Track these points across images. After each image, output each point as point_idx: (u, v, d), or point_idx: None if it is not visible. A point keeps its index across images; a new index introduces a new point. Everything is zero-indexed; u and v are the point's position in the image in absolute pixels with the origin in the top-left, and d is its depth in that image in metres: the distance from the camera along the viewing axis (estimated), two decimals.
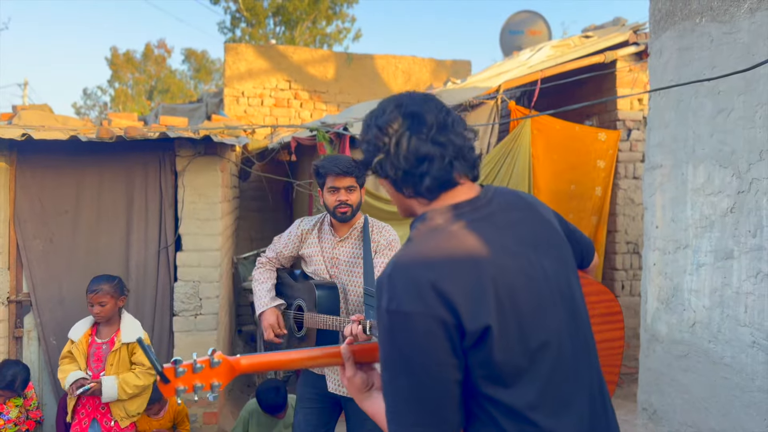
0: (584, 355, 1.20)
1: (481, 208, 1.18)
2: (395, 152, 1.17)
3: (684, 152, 2.75)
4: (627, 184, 5.23)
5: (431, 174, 1.16)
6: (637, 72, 5.19)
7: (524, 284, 1.12)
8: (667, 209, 2.86)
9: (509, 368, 1.08)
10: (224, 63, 7.87)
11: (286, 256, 2.77)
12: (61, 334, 4.00)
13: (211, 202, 4.13)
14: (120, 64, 24.31)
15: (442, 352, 1.04)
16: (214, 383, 1.22)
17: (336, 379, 2.58)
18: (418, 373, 1.05)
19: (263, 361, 1.30)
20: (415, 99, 1.21)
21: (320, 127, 4.48)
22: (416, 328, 1.04)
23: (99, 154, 4.04)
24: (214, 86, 24.95)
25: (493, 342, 1.06)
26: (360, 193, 2.57)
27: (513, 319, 1.09)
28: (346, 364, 1.29)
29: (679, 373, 2.74)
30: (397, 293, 1.06)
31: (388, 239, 2.55)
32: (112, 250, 4.10)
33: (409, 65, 8.50)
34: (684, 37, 2.76)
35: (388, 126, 1.18)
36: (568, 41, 5.37)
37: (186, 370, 1.19)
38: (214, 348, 1.24)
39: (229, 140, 4.21)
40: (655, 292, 2.94)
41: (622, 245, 5.23)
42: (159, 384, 1.18)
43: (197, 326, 4.10)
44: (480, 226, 1.15)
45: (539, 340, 1.12)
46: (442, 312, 1.04)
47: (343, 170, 2.50)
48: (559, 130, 5.07)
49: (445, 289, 1.04)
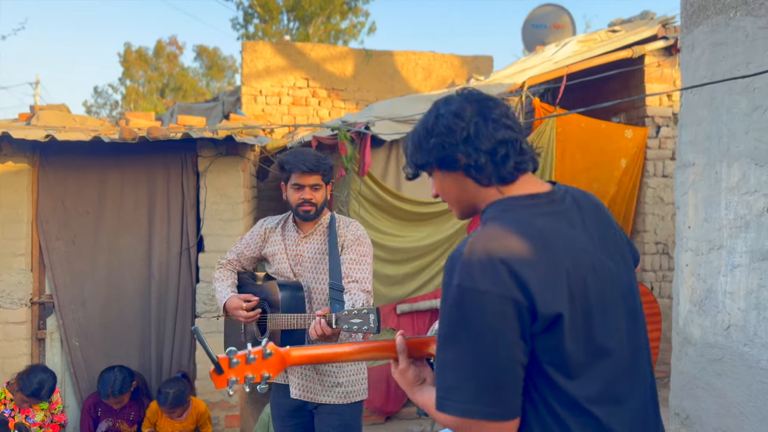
0: (641, 358, 1.25)
1: (556, 202, 1.23)
2: (475, 135, 1.20)
3: (718, 150, 2.76)
4: (656, 183, 5.23)
5: (511, 156, 1.21)
6: (666, 67, 5.19)
7: (593, 281, 1.17)
8: (700, 209, 2.88)
9: (575, 360, 1.12)
10: (241, 61, 7.96)
11: (248, 257, 2.71)
12: (83, 336, 4.11)
13: (233, 203, 4.21)
14: (132, 61, 24.60)
15: (511, 333, 1.09)
16: (265, 374, 1.25)
17: (300, 384, 2.52)
18: (485, 351, 1.09)
19: (313, 354, 1.33)
20: (473, 93, 1.26)
21: (341, 126, 4.54)
22: (489, 307, 1.08)
23: (120, 155, 4.14)
24: (227, 84, 25.16)
25: (563, 331, 1.11)
26: (325, 191, 2.53)
27: (581, 313, 1.14)
28: (400, 357, 1.32)
29: (713, 377, 2.76)
30: (472, 271, 1.10)
31: (356, 234, 2.49)
32: (133, 252, 4.20)
33: (429, 61, 8.53)
34: (717, 31, 2.77)
35: (461, 111, 1.22)
36: (595, 36, 5.37)
37: (240, 362, 1.22)
38: (268, 338, 1.29)
39: (250, 140, 4.29)
40: (688, 293, 2.96)
41: (651, 245, 5.23)
42: (212, 375, 1.21)
43: (220, 328, 4.16)
44: (555, 220, 1.20)
45: (603, 338, 1.16)
46: (517, 293, 1.08)
47: (309, 167, 2.45)
48: (584, 128, 5.09)
49: (521, 272, 1.09)
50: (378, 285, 4.50)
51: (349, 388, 2.53)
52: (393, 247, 4.57)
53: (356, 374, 2.57)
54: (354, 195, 4.48)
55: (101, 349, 4.13)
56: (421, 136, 1.27)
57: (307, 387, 2.53)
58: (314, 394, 2.53)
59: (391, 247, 4.56)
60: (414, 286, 4.67)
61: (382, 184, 4.57)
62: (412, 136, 1.30)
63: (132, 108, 22.65)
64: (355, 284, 2.38)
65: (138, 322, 4.21)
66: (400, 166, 4.74)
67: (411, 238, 4.66)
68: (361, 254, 2.45)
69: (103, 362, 4.04)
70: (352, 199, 4.48)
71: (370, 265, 2.46)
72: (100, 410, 3.90)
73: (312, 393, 2.53)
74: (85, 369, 4.10)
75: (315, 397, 2.52)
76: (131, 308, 4.20)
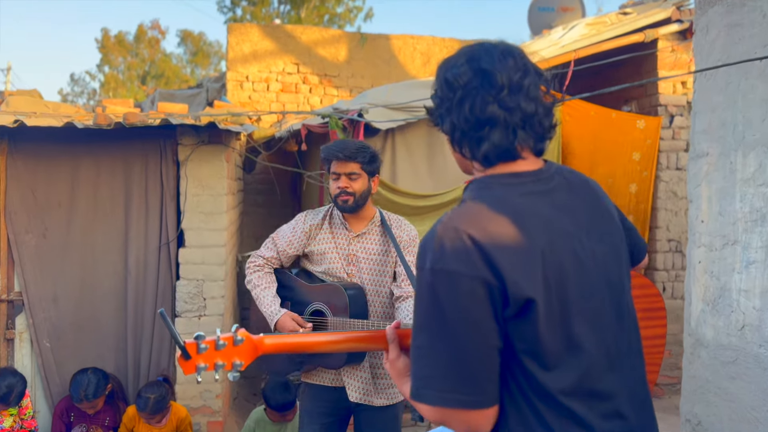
0: (627, 354, 1.24)
1: (542, 181, 1.23)
2: (457, 110, 1.20)
3: (733, 139, 2.76)
4: (669, 176, 5.23)
5: (491, 140, 1.19)
6: (681, 52, 5.19)
7: (574, 267, 1.17)
8: (713, 202, 2.88)
9: (550, 350, 1.13)
10: (227, 44, 7.95)
11: (290, 255, 2.69)
12: (55, 336, 4.09)
13: (215, 194, 4.21)
14: (111, 46, 24.54)
15: (484, 315, 1.09)
16: (236, 362, 1.26)
17: (359, 387, 2.59)
18: (459, 335, 1.09)
19: (289, 342, 1.34)
20: (492, 53, 1.21)
21: (333, 113, 4.53)
22: (460, 289, 1.09)
23: (95, 143, 4.12)
24: (213, 71, 25.12)
25: (536, 317, 1.11)
26: (366, 181, 2.55)
27: (557, 300, 1.13)
28: (391, 347, 1.34)
29: (726, 380, 2.76)
30: (444, 252, 1.11)
31: (410, 235, 2.58)
32: (109, 246, 4.19)
33: (429, 46, 8.52)
34: (733, 12, 2.77)
35: (455, 80, 1.21)
36: (605, 18, 5.37)
37: (208, 347, 1.22)
38: (238, 324, 1.29)
39: (235, 128, 4.28)
40: (700, 292, 2.96)
41: (664, 243, 5.24)
42: (179, 360, 1.22)
43: (201, 328, 4.17)
44: (537, 200, 1.20)
45: (582, 329, 1.16)
46: (487, 274, 1.09)
47: (345, 155, 2.50)
48: (593, 116, 5.08)
49: (492, 253, 1.10)
50: None
51: (397, 388, 2.56)
52: None
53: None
54: None
55: (74, 351, 4.12)
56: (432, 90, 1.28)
57: (365, 389, 2.59)
58: (370, 396, 2.60)
59: None
60: None
61: None
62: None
63: (111, 97, 22.61)
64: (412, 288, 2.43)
65: (114, 321, 4.19)
66: (396, 156, 4.73)
67: None
68: None
69: (76, 364, 4.02)
70: None
71: None
72: (73, 415, 3.89)
73: (368, 395, 2.60)
74: (56, 372, 4.09)
75: (370, 399, 2.60)
76: (106, 307, 4.19)
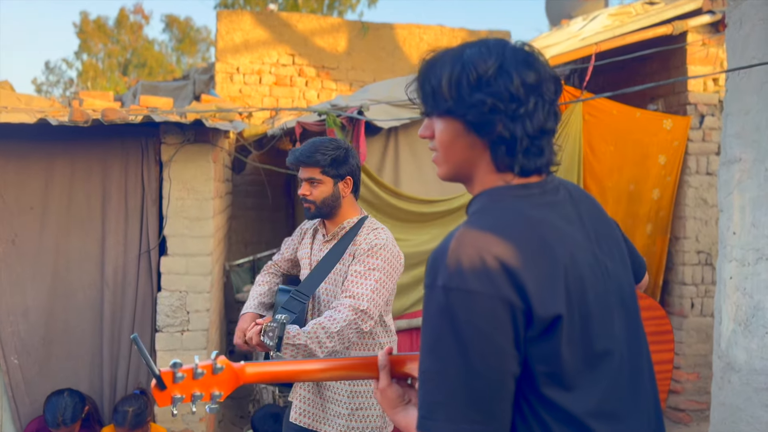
0: (643, 372, 1.28)
1: (548, 193, 1.26)
2: (529, 114, 1.19)
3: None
4: (698, 181, 5.23)
5: (548, 150, 1.24)
6: (712, 46, 5.19)
7: (591, 281, 1.19)
8: (746, 212, 2.88)
9: (571, 369, 1.14)
10: (216, 33, 7.97)
11: (286, 259, 2.85)
12: (24, 352, 4.10)
13: (201, 198, 4.21)
14: (90, 32, 24.60)
15: (504, 340, 1.09)
16: (215, 393, 1.26)
17: (299, 407, 2.60)
18: (474, 360, 1.09)
19: (273, 371, 1.35)
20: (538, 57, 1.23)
21: (330, 110, 4.54)
22: (479, 310, 1.09)
23: (71, 141, 4.14)
24: (201, 59, 25.18)
25: (561, 335, 1.12)
26: (330, 186, 2.54)
27: (578, 316, 1.16)
28: (381, 374, 1.34)
29: (759, 408, 2.76)
30: (460, 269, 1.10)
31: (371, 243, 2.50)
32: (84, 254, 4.19)
33: (437, 36, 8.54)
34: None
35: (528, 80, 1.19)
36: (629, 8, 5.38)
37: (185, 376, 1.23)
38: (218, 351, 1.30)
39: (224, 125, 4.29)
40: (732, 311, 2.96)
41: (692, 255, 5.23)
42: (153, 390, 1.22)
43: (184, 344, 4.18)
44: (549, 212, 1.22)
45: (602, 344, 1.19)
46: (511, 294, 1.09)
47: (301, 159, 2.51)
48: (616, 115, 5.08)
49: (516, 269, 1.10)
50: None
51: (353, 423, 2.52)
52: None
53: (367, 409, 2.55)
54: None
55: (45, 368, 4.12)
56: (468, 79, 1.19)
57: (311, 413, 2.58)
58: (314, 420, 2.58)
59: None
60: (414, 298, 4.66)
61: (377, 180, 4.57)
62: (451, 68, 1.22)
63: (89, 87, 22.65)
64: (348, 300, 2.38)
65: (89, 336, 4.19)
66: (399, 158, 4.73)
67: (411, 242, 4.65)
68: (369, 267, 2.44)
69: (46, 383, 4.03)
70: None
71: (380, 281, 2.43)
72: None
73: (312, 418, 2.58)
74: (25, 391, 4.09)
75: (315, 424, 2.57)
76: (81, 320, 4.19)
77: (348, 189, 2.59)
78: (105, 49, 25.06)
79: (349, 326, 2.32)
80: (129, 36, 25.20)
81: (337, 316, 2.32)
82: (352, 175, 2.59)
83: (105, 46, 25.05)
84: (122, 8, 25.79)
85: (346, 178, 2.58)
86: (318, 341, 2.26)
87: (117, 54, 24.98)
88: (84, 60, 25.13)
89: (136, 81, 12.27)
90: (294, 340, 2.21)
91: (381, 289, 2.43)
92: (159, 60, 24.97)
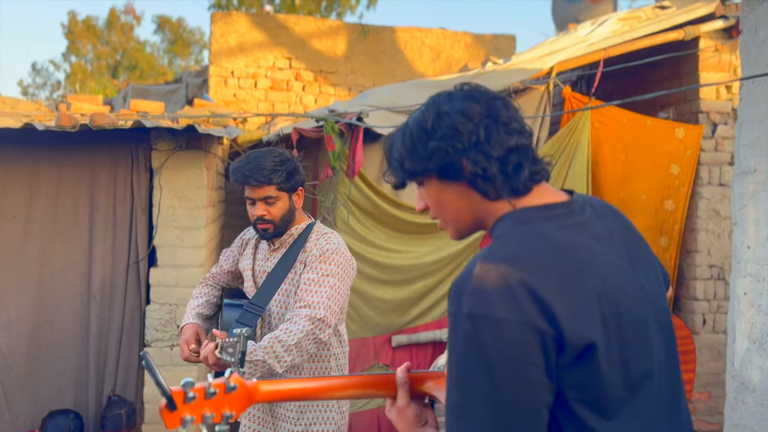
0: (680, 395, 1.28)
1: (575, 213, 1.26)
2: (486, 139, 1.22)
3: None
4: (711, 193, 5.23)
5: (525, 165, 1.23)
6: (725, 52, 5.21)
7: (627, 304, 1.19)
8: (761, 225, 2.88)
9: (613, 396, 1.14)
10: (210, 35, 7.99)
11: (225, 270, 2.83)
12: (6, 367, 4.08)
13: (193, 207, 4.21)
14: (78, 33, 24.65)
15: (534, 369, 1.09)
16: (226, 413, 1.25)
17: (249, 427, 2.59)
18: (504, 391, 1.09)
19: (287, 389, 1.35)
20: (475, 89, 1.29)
21: (328, 116, 4.54)
22: (508, 338, 1.09)
23: (57, 146, 4.13)
24: (194, 62, 25.23)
25: (598, 362, 1.12)
26: (287, 201, 2.52)
27: (616, 341, 1.15)
28: (400, 392, 1.34)
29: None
30: (486, 296, 1.11)
31: (322, 249, 2.49)
32: (70, 265, 4.18)
33: (438, 40, 8.56)
34: None
35: (470, 110, 1.24)
36: (639, 13, 5.40)
37: (197, 396, 1.21)
38: (232, 369, 1.28)
39: (217, 131, 4.29)
40: (746, 328, 2.95)
41: (704, 269, 5.23)
42: (163, 412, 1.20)
43: (174, 360, 4.16)
44: (578, 233, 1.22)
45: (642, 370, 1.18)
46: (540, 321, 1.09)
47: (258, 179, 2.45)
48: (625, 123, 5.10)
49: (545, 295, 1.10)
50: (370, 311, 4.48)
51: None
52: (389, 265, 4.56)
53: (321, 423, 2.55)
54: (342, 200, 4.48)
55: (28, 385, 4.10)
56: (416, 136, 1.27)
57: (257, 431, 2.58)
58: None
59: (387, 265, 4.55)
60: (414, 313, 4.66)
61: (376, 188, 4.57)
62: (401, 136, 1.31)
63: (77, 89, 22.68)
64: (304, 310, 2.36)
65: (74, 351, 4.17)
66: None
67: (411, 255, 4.65)
68: (322, 273, 2.44)
69: (29, 400, 4.01)
70: (340, 205, 4.48)
71: (335, 287, 2.43)
72: None
73: None
74: (7, 408, 4.07)
75: None
76: (66, 334, 4.17)
77: (300, 199, 2.59)
78: (94, 50, 25.11)
79: (307, 337, 2.31)
80: (119, 37, 25.26)
81: (293, 328, 2.31)
82: (302, 184, 2.59)
83: (94, 48, 25.10)
84: (112, 8, 25.85)
85: (298, 190, 2.57)
86: (276, 356, 2.25)
87: (106, 56, 25.03)
88: (72, 62, 25.17)
89: (126, 84, 12.29)
90: (251, 356, 2.20)
91: (336, 296, 2.43)
92: (150, 62, 25.02)
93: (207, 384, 1.23)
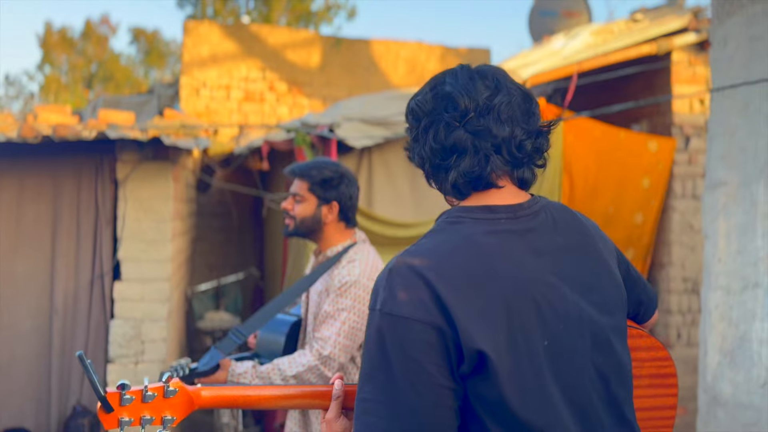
0: (614, 427, 1.20)
1: (521, 219, 1.22)
2: (423, 140, 1.26)
3: (754, 167, 2.77)
4: (684, 206, 5.26)
5: (459, 169, 1.21)
6: (699, 66, 5.25)
7: (548, 322, 1.14)
8: (732, 238, 2.88)
9: (525, 418, 1.10)
10: (182, 45, 7.94)
11: None
12: None
13: (159, 220, 4.16)
14: (53, 43, 24.47)
15: (437, 368, 1.08)
16: (167, 417, 1.27)
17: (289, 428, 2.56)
18: (406, 389, 1.08)
19: (229, 395, 1.35)
20: (457, 76, 1.28)
21: (300, 128, 4.51)
22: (410, 336, 1.09)
23: (20, 158, 4.08)
24: (170, 73, 25.12)
25: (496, 376, 1.08)
26: (313, 207, 2.50)
27: (527, 360, 1.11)
28: (332, 404, 1.32)
29: None
30: (394, 294, 1.11)
31: (342, 280, 2.45)
32: (32, 279, 4.11)
33: (414, 52, 8.58)
34: (754, 24, 2.80)
35: (419, 108, 1.27)
36: (612, 26, 5.44)
37: (134, 398, 1.23)
38: (170, 373, 1.30)
39: (186, 142, 4.24)
40: (717, 342, 2.94)
41: (678, 282, 5.24)
42: (99, 413, 1.22)
43: (138, 376, 4.09)
44: (510, 240, 1.18)
45: (566, 397, 1.13)
46: (440, 321, 1.09)
47: (294, 170, 2.54)
48: (598, 136, 5.11)
49: (446, 297, 1.09)
50: None
51: None
52: None
53: None
54: None
55: None
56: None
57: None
58: None
59: None
60: None
61: None
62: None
63: (51, 101, 22.50)
64: (316, 343, 2.36)
65: (35, 368, 4.11)
66: (373, 178, 4.70)
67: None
68: (338, 307, 2.40)
69: None
70: None
71: (347, 322, 2.39)
72: None
73: None
74: None
75: None
76: (27, 350, 4.10)
77: (332, 216, 2.53)
78: (69, 61, 24.93)
79: (310, 371, 2.31)
80: (95, 48, 25.11)
81: (299, 360, 2.33)
82: (339, 201, 2.54)
83: (69, 58, 24.92)
84: (88, 19, 25.71)
85: (331, 203, 2.52)
86: (270, 383, 2.24)
87: (81, 66, 24.86)
88: (47, 73, 24.96)
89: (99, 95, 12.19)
90: (238, 378, 2.21)
91: (349, 331, 2.40)
92: (126, 74, 24.87)
93: (144, 387, 1.25)
